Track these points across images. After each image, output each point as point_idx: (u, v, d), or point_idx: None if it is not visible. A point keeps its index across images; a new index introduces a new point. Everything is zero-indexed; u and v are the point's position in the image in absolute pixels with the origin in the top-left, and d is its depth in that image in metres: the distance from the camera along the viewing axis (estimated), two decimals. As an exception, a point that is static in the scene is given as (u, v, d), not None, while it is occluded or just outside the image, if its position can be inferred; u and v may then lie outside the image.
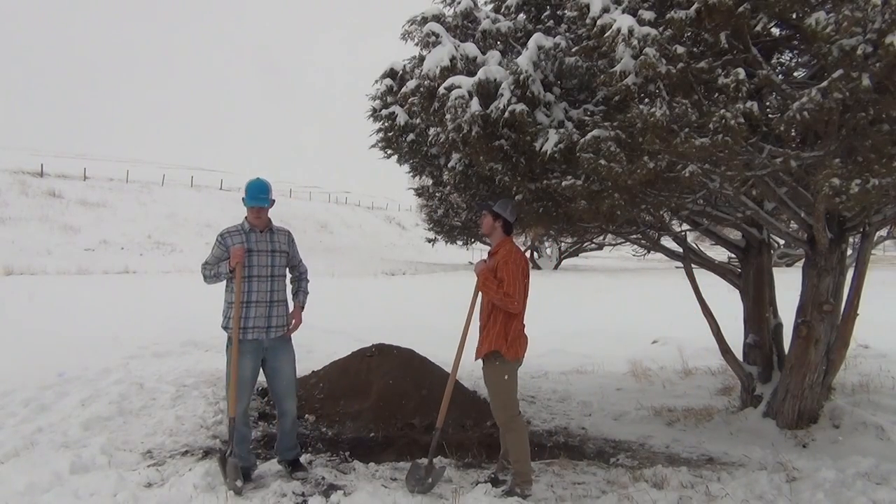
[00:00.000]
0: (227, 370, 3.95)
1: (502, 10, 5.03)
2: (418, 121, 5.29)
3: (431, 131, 4.95)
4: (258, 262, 3.99)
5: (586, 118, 4.16)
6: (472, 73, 4.16)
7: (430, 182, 7.02)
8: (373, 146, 6.09)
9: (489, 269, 3.89)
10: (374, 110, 5.78)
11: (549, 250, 35.71)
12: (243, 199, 4.00)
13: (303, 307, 4.24)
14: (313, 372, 6.44)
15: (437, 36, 4.31)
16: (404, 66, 5.40)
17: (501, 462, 4.06)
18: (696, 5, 3.39)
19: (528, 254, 36.76)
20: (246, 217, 4.08)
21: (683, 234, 6.25)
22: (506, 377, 3.84)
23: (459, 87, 4.08)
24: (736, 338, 5.81)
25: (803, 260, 5.15)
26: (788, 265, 26.79)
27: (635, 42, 3.39)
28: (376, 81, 5.60)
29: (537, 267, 33.73)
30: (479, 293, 3.93)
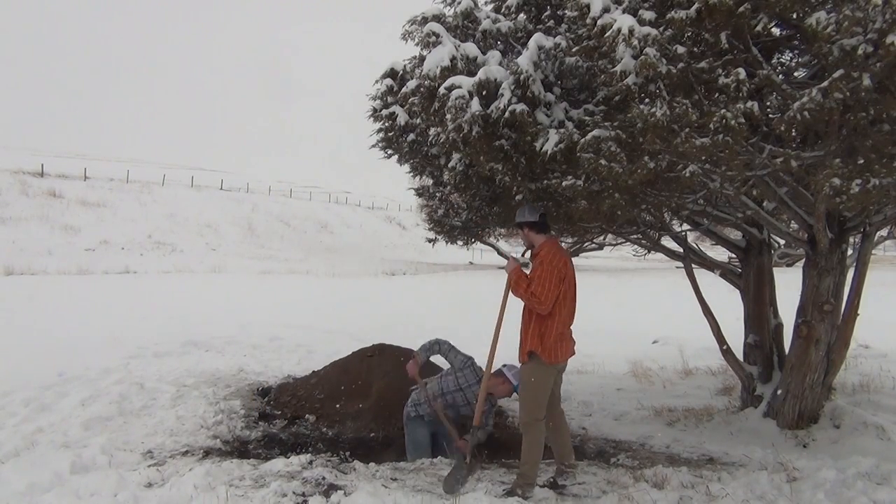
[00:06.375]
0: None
1: (503, 10, 5.03)
2: (419, 121, 5.29)
3: (432, 131, 4.94)
4: (455, 395, 4.75)
5: (587, 118, 4.16)
6: (472, 74, 4.15)
7: (430, 182, 7.02)
8: (373, 146, 6.10)
9: (521, 268, 3.93)
10: (375, 110, 5.79)
11: (549, 250, 35.63)
12: (503, 372, 4.57)
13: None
14: (313, 372, 6.45)
15: (438, 36, 4.30)
16: (404, 66, 5.40)
17: (559, 467, 4.05)
18: (696, 5, 3.38)
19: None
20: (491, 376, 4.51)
21: (684, 234, 6.24)
22: (534, 378, 3.82)
23: (460, 87, 4.08)
24: (736, 338, 5.80)
25: (803, 260, 5.15)
26: (789, 265, 26.79)
27: (636, 42, 3.39)
28: (376, 81, 5.61)
29: (537, 267, 33.67)
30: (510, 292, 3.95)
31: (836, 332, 4.98)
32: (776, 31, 3.91)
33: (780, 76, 3.64)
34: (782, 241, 19.35)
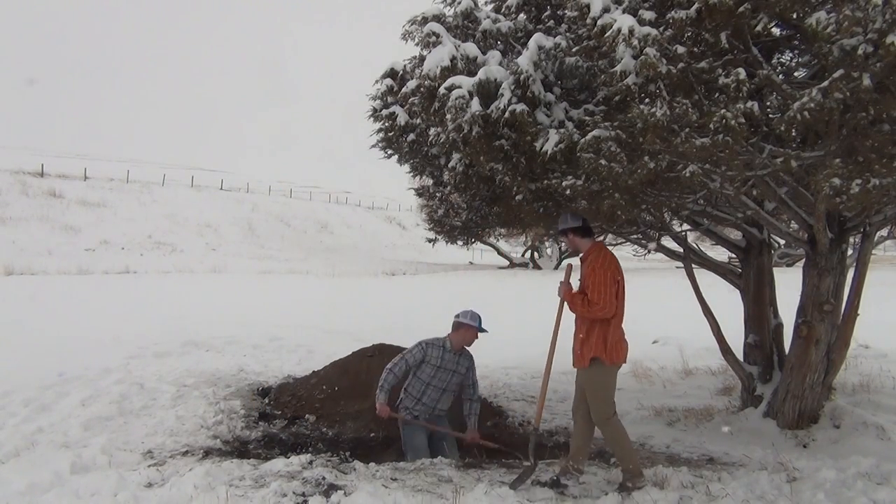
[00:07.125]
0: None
1: (503, 10, 5.03)
2: (419, 121, 5.29)
3: (432, 131, 4.95)
4: (439, 377, 4.88)
5: (587, 118, 4.16)
6: (472, 74, 4.16)
7: (430, 182, 7.02)
8: (373, 146, 6.09)
9: (572, 287, 4.02)
10: (375, 110, 5.78)
11: (549, 250, 35.69)
12: (462, 321, 4.89)
13: (475, 428, 4.95)
14: (313, 372, 6.45)
15: (438, 36, 4.30)
16: (405, 66, 5.39)
17: (567, 465, 4.07)
18: (696, 5, 3.39)
19: (527, 254, 36.73)
20: (450, 336, 4.94)
21: (684, 234, 6.24)
22: (603, 381, 3.94)
23: (460, 87, 4.08)
24: (736, 338, 5.80)
25: (804, 260, 5.15)
26: (789, 265, 26.76)
27: (636, 42, 3.39)
28: (377, 81, 5.61)
29: (538, 267, 33.74)
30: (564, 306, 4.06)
31: (836, 332, 4.98)
32: (776, 31, 3.91)
33: (780, 76, 3.64)
34: (782, 241, 19.35)
